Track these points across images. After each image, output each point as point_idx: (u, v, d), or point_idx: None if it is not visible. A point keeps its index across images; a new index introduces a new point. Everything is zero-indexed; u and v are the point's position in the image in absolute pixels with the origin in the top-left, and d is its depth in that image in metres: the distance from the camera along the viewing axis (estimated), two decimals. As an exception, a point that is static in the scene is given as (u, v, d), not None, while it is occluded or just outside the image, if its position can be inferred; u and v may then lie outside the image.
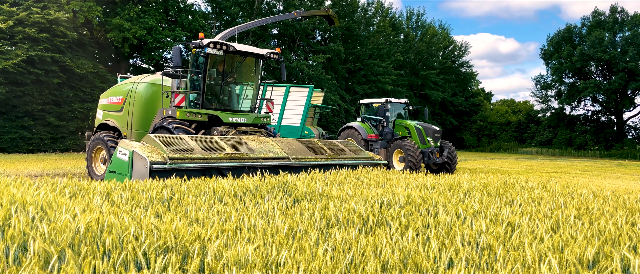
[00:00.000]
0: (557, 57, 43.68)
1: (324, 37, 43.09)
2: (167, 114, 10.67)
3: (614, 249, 3.26)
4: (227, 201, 4.93)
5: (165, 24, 30.80)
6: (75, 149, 26.12)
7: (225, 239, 3.29)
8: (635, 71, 38.76)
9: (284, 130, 18.75)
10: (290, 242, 3.33)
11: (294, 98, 19.49)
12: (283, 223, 3.90)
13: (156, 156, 6.91)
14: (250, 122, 11.16)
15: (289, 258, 2.86)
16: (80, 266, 2.60)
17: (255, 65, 11.70)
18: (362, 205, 4.69)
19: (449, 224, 4.03)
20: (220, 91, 11.39)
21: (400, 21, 53.50)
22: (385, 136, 17.19)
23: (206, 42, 10.40)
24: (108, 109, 12.66)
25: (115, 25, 26.39)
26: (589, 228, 3.93)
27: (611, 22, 41.03)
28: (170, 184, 5.74)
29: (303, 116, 18.66)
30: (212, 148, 7.76)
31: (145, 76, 12.48)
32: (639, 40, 38.57)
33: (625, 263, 2.97)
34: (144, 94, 11.84)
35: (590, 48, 39.72)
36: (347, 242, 3.39)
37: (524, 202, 5.33)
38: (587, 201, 5.64)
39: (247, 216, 4.09)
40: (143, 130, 11.62)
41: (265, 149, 8.48)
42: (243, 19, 36.21)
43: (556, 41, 44.11)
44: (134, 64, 34.12)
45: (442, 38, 54.99)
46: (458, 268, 2.78)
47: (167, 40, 29.85)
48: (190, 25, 30.60)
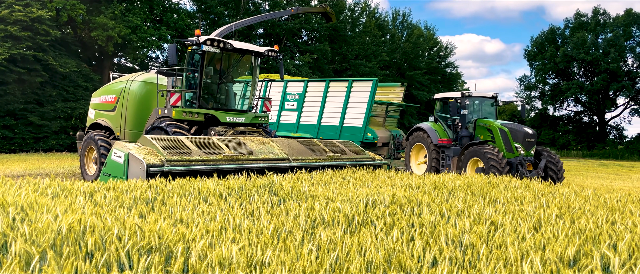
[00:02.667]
0: (541, 58, 44.24)
1: (311, 37, 43.09)
2: (162, 113, 10.37)
3: (594, 247, 3.31)
4: (212, 201, 4.91)
5: (150, 23, 30.55)
6: (58, 149, 25.79)
7: (209, 240, 3.28)
8: (617, 72, 39.40)
9: (344, 131, 16.40)
10: (275, 242, 3.33)
11: (355, 94, 16.55)
12: (268, 223, 3.90)
13: (153, 158, 6.69)
14: (248, 122, 10.87)
15: (274, 257, 2.86)
16: (62, 267, 2.57)
17: (252, 63, 11.40)
18: (347, 205, 4.70)
19: (433, 223, 4.06)
20: (217, 90, 11.09)
21: (386, 22, 53.72)
22: (461, 140, 13.78)
23: (203, 39, 10.09)
24: (100, 108, 12.34)
25: (99, 23, 26.10)
26: (570, 227, 3.99)
27: (593, 23, 41.67)
28: (154, 185, 5.69)
29: (365, 115, 15.92)
30: (211, 150, 7.58)
31: (139, 74, 12.16)
32: (620, 42, 39.22)
33: (605, 261, 3.02)
34: (137, 93, 11.53)
35: (573, 49, 40.29)
36: (332, 242, 3.40)
37: (507, 201, 5.39)
38: (568, 200, 5.73)
39: (232, 216, 4.08)
40: (137, 130, 11.34)
41: (264, 150, 8.31)
42: (229, 18, 36.05)
43: (540, 42, 44.67)
44: (119, 63, 33.78)
45: (428, 39, 55.30)
46: (442, 266, 2.81)
47: (152, 40, 29.61)
48: (175, 24, 30.39)
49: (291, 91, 18.01)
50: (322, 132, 16.76)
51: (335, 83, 17.00)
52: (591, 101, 43.87)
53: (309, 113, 17.33)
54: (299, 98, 17.67)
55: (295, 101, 17.78)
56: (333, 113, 16.65)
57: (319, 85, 17.47)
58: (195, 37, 10.17)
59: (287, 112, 17.95)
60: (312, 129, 17.08)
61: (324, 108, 16.89)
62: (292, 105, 17.82)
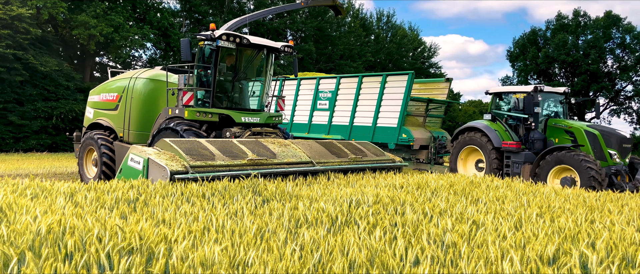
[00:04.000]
0: (523, 59, 44.80)
1: (296, 37, 43.05)
2: (173, 113, 9.67)
3: (573, 245, 3.37)
4: (195, 201, 4.88)
5: (133, 21, 30.22)
6: (38, 149, 25.38)
7: (192, 240, 3.26)
8: (597, 73, 40.08)
9: (378, 132, 14.80)
10: (258, 242, 3.32)
11: (389, 90, 14.71)
12: (251, 223, 3.89)
13: (176, 165, 6.18)
14: (263, 122, 10.24)
15: (257, 258, 2.85)
16: (41, 269, 2.54)
17: (267, 59, 10.62)
18: (331, 205, 4.71)
19: (415, 222, 4.09)
20: (232, 88, 10.37)
21: (371, 22, 53.87)
22: (533, 143, 11.76)
23: (219, 34, 9.41)
24: (100, 107, 11.59)
25: (80, 22, 25.73)
26: (550, 226, 4.05)
27: (574, 25, 42.32)
28: (136, 185, 5.64)
29: (400, 113, 14.17)
30: (234, 154, 7.13)
31: (142, 70, 11.38)
32: (600, 44, 39.90)
33: (583, 259, 3.08)
34: (142, 91, 10.78)
35: (554, 51, 40.87)
36: (316, 241, 3.40)
37: (489, 200, 5.45)
38: (549, 199, 5.81)
39: (215, 217, 4.06)
40: (142, 131, 10.69)
41: (287, 154, 7.88)
42: (213, 17, 35.82)
43: (522, 43, 45.23)
44: (101, 62, 33.37)
45: (412, 39, 55.61)
46: (423, 265, 2.83)
47: (135, 39, 29.30)
48: (158, 23, 30.11)
49: (323, 89, 16.43)
50: (355, 133, 15.28)
51: (369, 78, 15.45)
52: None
53: (342, 113, 15.78)
54: (331, 97, 16.09)
55: (327, 99, 16.25)
56: (366, 112, 15.10)
57: (351, 81, 15.85)
58: (209, 32, 9.53)
59: (320, 112, 16.40)
60: (345, 130, 15.59)
61: (356, 107, 15.35)
62: (324, 104, 16.30)
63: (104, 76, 33.11)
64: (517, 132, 12.24)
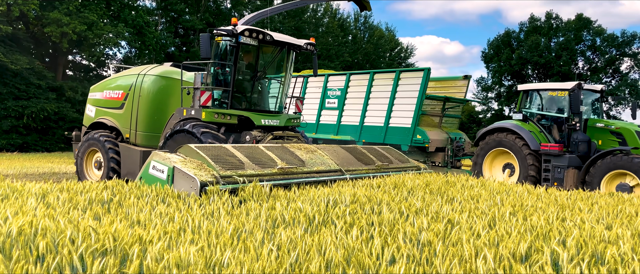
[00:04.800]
0: (497, 61, 45.54)
1: (273, 37, 42.92)
2: (188, 114, 9.01)
3: (544, 243, 3.45)
4: (171, 202, 4.84)
5: (107, 19, 29.71)
6: (8, 149, 24.77)
7: (167, 241, 3.23)
8: (568, 75, 40.99)
9: (390, 133, 13.83)
10: (234, 242, 3.31)
11: (403, 88, 13.77)
12: (228, 224, 3.87)
13: (205, 174, 5.64)
14: (283, 125, 9.65)
15: (233, 258, 2.84)
16: (12, 271, 2.48)
17: (288, 57, 10.05)
18: (308, 205, 4.71)
19: (392, 222, 4.13)
20: (251, 88, 9.79)
21: (348, 22, 54.08)
22: (577, 145, 10.69)
23: (241, 29, 8.80)
24: (103, 105, 10.84)
25: (53, 19, 25.17)
26: (522, 224, 4.13)
27: (546, 28, 43.19)
28: (110, 185, 5.56)
29: (415, 113, 13.21)
30: (263, 162, 6.62)
31: (151, 66, 10.63)
32: (571, 46, 40.81)
33: (554, 256, 3.15)
34: (151, 90, 10.03)
35: (527, 52, 41.64)
36: (293, 241, 3.40)
37: (464, 199, 5.53)
38: (522, 198, 5.92)
39: (191, 217, 4.03)
40: (151, 132, 9.99)
41: (315, 161, 7.42)
42: (189, 15, 35.47)
43: (496, 45, 45.96)
44: (74, 60, 32.72)
45: (389, 40, 56.01)
46: (399, 264, 2.86)
47: (109, 37, 28.81)
48: (133, 21, 29.67)
49: (332, 87, 15.46)
50: (365, 134, 14.42)
51: (380, 75, 14.57)
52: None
53: (351, 112, 14.87)
54: (340, 94, 15.17)
55: (336, 97, 15.31)
56: (377, 111, 14.21)
57: (362, 78, 14.87)
58: (231, 27, 8.89)
59: (328, 111, 15.48)
60: (354, 130, 14.67)
61: (367, 105, 14.44)
62: (332, 102, 15.36)
63: (77, 75, 32.50)
64: (550, 133, 11.29)
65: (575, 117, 10.85)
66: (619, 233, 3.80)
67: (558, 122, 11.29)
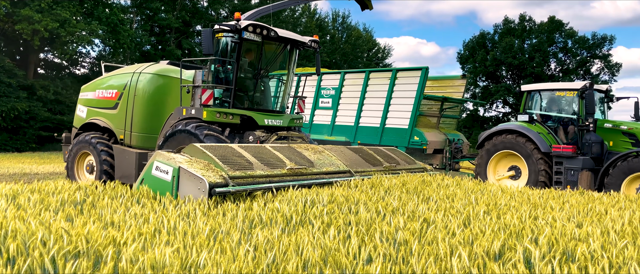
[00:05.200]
0: (472, 62, 46.18)
1: (250, 36, 42.72)
2: (188, 114, 8.64)
3: (517, 241, 3.51)
4: (146, 203, 4.78)
5: (80, 16, 29.13)
6: (-23, 149, 24.09)
7: (142, 243, 3.19)
8: (541, 76, 41.81)
9: (386, 134, 13.52)
10: (211, 243, 3.28)
11: (400, 87, 13.40)
12: (204, 225, 3.84)
13: (213, 175, 5.34)
14: (286, 125, 9.33)
15: (209, 259, 2.82)
16: (-21, 276, 2.42)
17: (291, 55, 9.69)
18: (286, 205, 4.71)
19: (369, 221, 4.15)
20: (254, 87, 9.48)
21: (326, 23, 54.19)
22: (590, 147, 10.35)
23: (245, 25, 8.43)
24: (96, 105, 10.36)
25: (24, 16, 24.54)
26: (496, 222, 4.21)
27: (520, 29, 43.99)
28: (83, 186, 5.46)
29: (412, 113, 12.86)
30: (271, 162, 6.39)
31: (147, 65, 10.22)
32: (544, 47, 41.66)
33: (527, 254, 3.21)
34: (148, 88, 9.61)
35: (502, 54, 42.35)
36: (270, 242, 3.40)
37: (440, 199, 5.60)
38: (496, 197, 6.02)
39: (167, 218, 3.99)
40: (147, 133, 9.59)
41: (324, 162, 7.22)
42: (165, 14, 35.02)
43: (471, 46, 46.61)
44: (45, 58, 32.00)
45: (367, 40, 56.29)
46: (376, 263, 2.88)
47: (82, 34, 28.26)
48: (107, 19, 29.14)
49: (326, 85, 15.01)
50: (361, 135, 14.07)
51: (376, 74, 14.28)
52: (518, 103, 46.34)
53: (346, 112, 14.49)
54: (334, 94, 14.78)
55: (330, 97, 14.93)
56: (373, 111, 13.91)
57: (357, 77, 14.55)
58: (234, 22, 8.51)
59: (321, 110, 15.10)
60: (349, 131, 14.31)
61: (362, 105, 14.10)
62: (326, 102, 14.97)
63: (49, 73, 31.79)
64: (557, 134, 10.93)
65: (589, 118, 10.45)
66: (589, 230, 3.90)
67: (565, 123, 10.95)
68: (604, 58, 41.59)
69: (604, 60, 41.61)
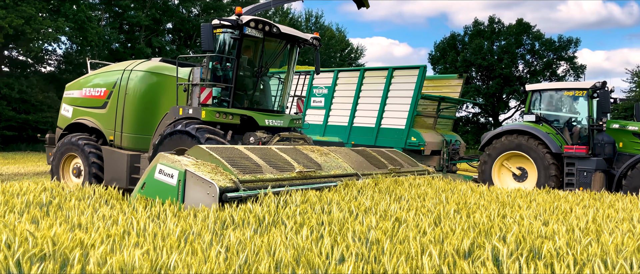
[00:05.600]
0: (443, 63, 46.85)
1: (223, 35, 42.34)
2: (185, 113, 8.19)
3: (486, 239, 3.58)
4: (115, 204, 4.69)
5: (47, 13, 28.36)
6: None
7: (110, 245, 3.13)
8: (509, 77, 42.72)
9: (382, 135, 13.11)
10: (182, 245, 3.24)
11: (397, 86, 13.01)
12: (175, 226, 3.79)
13: (223, 179, 5.05)
14: (287, 126, 9.00)
15: (180, 261, 2.79)
16: (-62, 281, 2.33)
17: (292, 52, 9.32)
18: (258, 205, 4.69)
19: (342, 221, 4.17)
20: (255, 85, 9.09)
21: (299, 22, 54.17)
22: (603, 148, 10.19)
23: (246, 20, 8.01)
24: (83, 104, 9.84)
25: (-14, 12, 23.79)
26: (466, 221, 4.28)
27: (489, 31, 44.86)
28: (49, 188, 5.32)
29: (409, 113, 12.50)
30: (280, 165, 6.10)
31: (138, 62, 9.69)
32: (512, 49, 42.61)
33: (495, 252, 3.28)
34: (140, 87, 9.12)
35: (472, 55, 43.11)
36: (242, 242, 3.38)
37: (411, 198, 5.66)
38: (465, 196, 6.13)
39: (137, 220, 3.92)
40: (139, 133, 9.13)
41: (331, 164, 6.98)
42: (134, 11, 34.38)
43: (442, 47, 47.28)
44: (10, 55, 31.01)
45: (340, 40, 56.47)
46: (348, 262, 2.89)
47: (48, 32, 27.52)
48: (74, 16, 28.44)
49: (318, 84, 14.53)
50: (355, 135, 13.68)
51: (372, 72, 13.84)
52: (487, 104, 47.23)
53: (339, 111, 14.05)
54: (327, 93, 14.32)
55: (322, 96, 14.48)
56: (368, 111, 13.50)
57: (351, 75, 14.06)
58: (234, 17, 8.09)
59: (313, 110, 14.59)
60: (343, 131, 13.86)
61: (357, 105, 13.70)
62: (319, 101, 14.50)
63: (13, 71, 30.83)
64: (562, 135, 10.66)
65: (604, 118, 10.28)
66: (555, 228, 4.01)
67: (572, 124, 10.78)
68: (569, 60, 42.80)
69: (569, 62, 42.81)
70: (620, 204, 5.96)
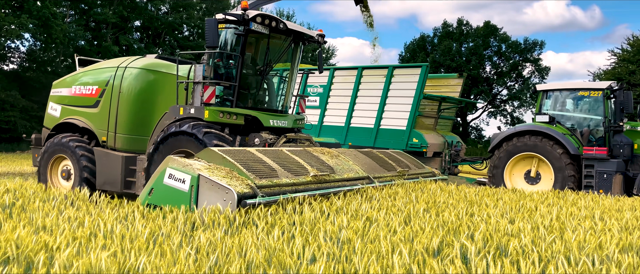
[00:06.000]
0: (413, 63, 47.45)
1: (193, 33, 41.81)
2: (185, 113, 7.72)
3: (455, 238, 3.65)
4: (81, 205, 4.58)
5: (9, 9, 27.46)
6: None
7: (77, 247, 3.06)
8: (477, 78, 43.56)
9: (381, 136, 12.72)
10: (150, 247, 3.19)
11: (397, 86, 12.63)
12: (144, 227, 3.73)
13: (239, 184, 4.74)
14: (291, 126, 8.67)
15: (149, 263, 2.75)
16: None
17: (296, 49, 8.93)
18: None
19: (313, 221, 4.18)
20: (259, 84, 8.69)
21: (269, 21, 54.00)
22: (620, 150, 10.02)
23: (253, 15, 7.63)
24: (72, 103, 9.30)
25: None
26: (435, 220, 4.35)
27: (458, 33, 45.64)
28: (12, 189, 5.15)
29: (411, 114, 12.12)
30: (294, 169, 5.78)
31: (132, 59, 9.19)
32: (480, 51, 43.49)
33: (464, 249, 3.34)
34: (135, 85, 8.64)
35: (441, 56, 43.78)
36: (212, 243, 3.35)
37: (382, 197, 5.71)
38: (435, 195, 6.22)
39: (104, 221, 3.84)
40: (135, 134, 8.65)
41: (343, 167, 6.70)
42: (101, 8, 33.62)
43: (412, 48, 47.85)
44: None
45: (311, 40, 56.59)
46: (320, 262, 2.90)
47: (11, 28, 26.64)
48: (39, 13, 27.62)
49: (313, 82, 13.90)
50: (352, 136, 13.22)
51: (371, 71, 13.39)
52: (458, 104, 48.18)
53: (335, 111, 13.59)
54: (322, 92, 13.81)
55: (317, 95, 13.93)
56: (367, 111, 13.09)
57: (348, 74, 13.61)
58: (240, 12, 7.68)
59: (308, 110, 13.95)
60: (339, 132, 13.39)
61: (354, 104, 13.24)
62: (313, 101, 13.91)
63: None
64: (576, 136, 10.42)
65: (624, 118, 10.15)
66: (521, 226, 4.11)
67: (584, 124, 10.60)
68: (534, 62, 43.92)
69: (534, 64, 43.94)
70: (582, 202, 6.15)
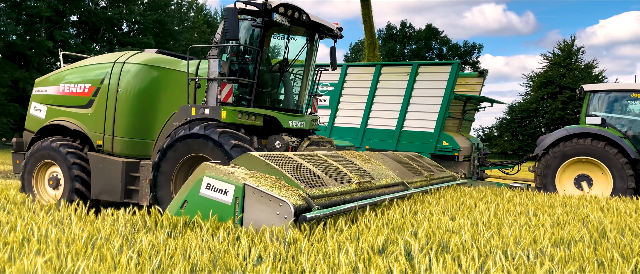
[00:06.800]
0: (358, 64, 48.18)
1: (132, 29, 40.49)
2: (198, 113, 6.87)
3: (399, 235, 3.73)
4: (12, 209, 4.33)
5: None
6: None
7: (8, 253, 2.89)
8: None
9: (405, 138, 11.77)
10: (89, 251, 3.07)
11: (424, 84, 11.70)
12: (81, 231, 3.58)
13: (292, 196, 4.20)
14: (308, 128, 7.99)
15: (87, 268, 2.64)
16: None
17: (313, 43, 8.15)
18: (172, 207, 4.54)
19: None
20: (277, 82, 7.97)
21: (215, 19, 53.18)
22: None
23: (275, 5, 6.84)
24: (61, 103, 8.31)
25: None
26: (380, 218, 4.43)
27: (401, 35, 46.78)
28: None
29: (440, 115, 11.25)
30: (336, 176, 5.29)
31: (130, 54, 8.22)
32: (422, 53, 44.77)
33: (408, 247, 3.43)
34: (135, 83, 7.71)
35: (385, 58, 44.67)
36: (155, 246, 3.26)
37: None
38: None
39: (38, 225, 3.65)
40: (136, 137, 7.73)
41: (379, 173, 6.19)
42: (34, 1, 31.88)
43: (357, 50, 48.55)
44: None
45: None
46: (266, 263, 2.89)
47: None
48: None
49: (322, 80, 12.91)
50: (370, 138, 12.25)
51: (391, 68, 12.44)
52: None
53: (349, 111, 12.62)
54: (333, 90, 12.82)
55: (328, 94, 12.89)
56: (387, 112, 12.11)
57: (364, 71, 12.63)
58: (260, 1, 6.86)
59: (318, 110, 13.63)
60: (354, 134, 12.41)
61: (371, 104, 12.24)
62: (322, 100, 12.65)
63: None
64: (630, 139, 10.00)
65: None
66: (461, 223, 4.26)
67: (635, 127, 10.19)
68: (473, 65, 45.72)
69: (473, 67, 45.73)
70: (518, 199, 6.45)
